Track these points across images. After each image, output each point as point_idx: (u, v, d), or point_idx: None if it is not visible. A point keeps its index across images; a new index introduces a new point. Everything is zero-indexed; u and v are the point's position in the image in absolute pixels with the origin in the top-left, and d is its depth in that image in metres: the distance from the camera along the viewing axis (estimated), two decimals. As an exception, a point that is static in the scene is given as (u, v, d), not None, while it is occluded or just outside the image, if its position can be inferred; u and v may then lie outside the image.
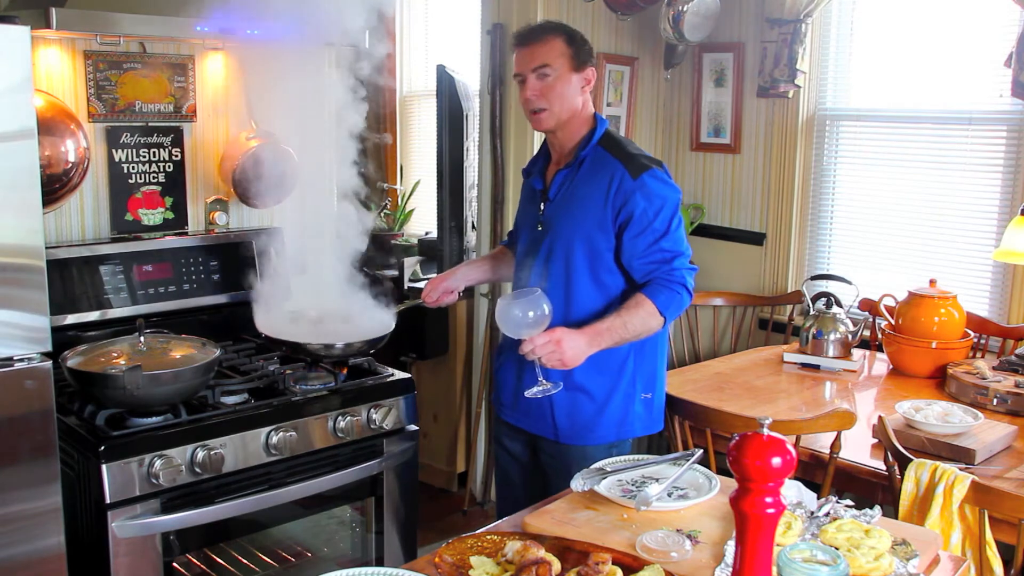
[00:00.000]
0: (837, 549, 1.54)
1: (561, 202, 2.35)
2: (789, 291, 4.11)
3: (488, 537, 1.65)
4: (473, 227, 4.27)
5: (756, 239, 4.22)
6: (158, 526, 2.20)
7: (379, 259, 4.91)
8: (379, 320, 2.74)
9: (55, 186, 2.55)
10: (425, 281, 4.42)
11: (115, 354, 2.35)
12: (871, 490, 2.54)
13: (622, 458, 2.05)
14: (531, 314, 2.12)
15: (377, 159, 5.47)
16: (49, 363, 1.98)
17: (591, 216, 2.30)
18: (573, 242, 2.32)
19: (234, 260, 2.96)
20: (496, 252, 2.79)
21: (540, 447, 2.43)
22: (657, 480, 1.93)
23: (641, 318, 2.21)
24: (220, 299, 2.91)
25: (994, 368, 3.07)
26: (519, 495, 2.47)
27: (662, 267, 2.25)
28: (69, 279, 2.62)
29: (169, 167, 2.92)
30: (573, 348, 2.15)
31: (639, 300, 2.22)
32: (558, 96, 2.30)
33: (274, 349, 2.69)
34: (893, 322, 3.35)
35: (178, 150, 2.93)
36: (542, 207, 2.40)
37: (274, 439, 2.37)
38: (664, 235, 2.25)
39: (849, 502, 1.81)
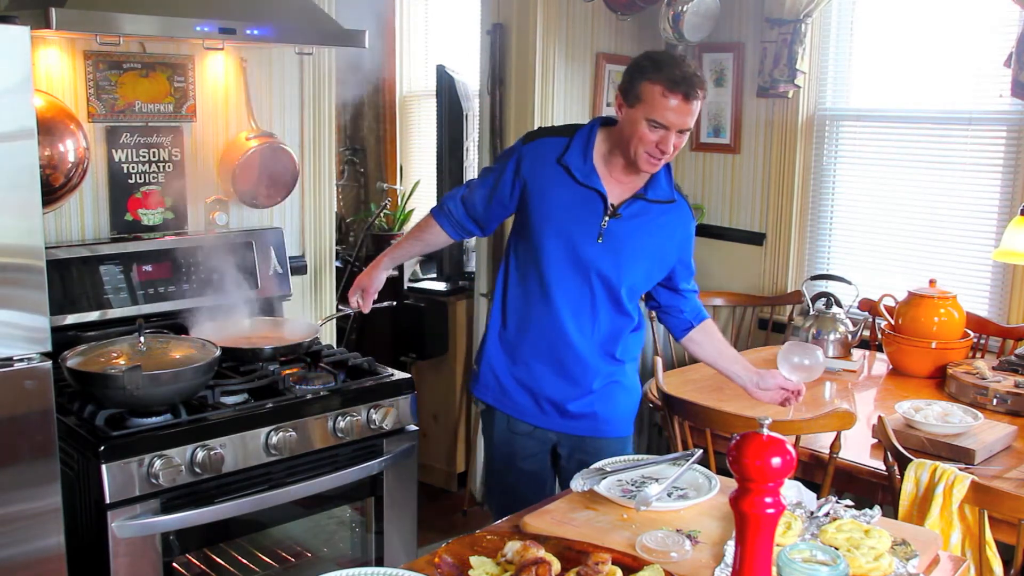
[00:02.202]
0: (837, 549, 1.54)
1: (635, 227, 2.37)
2: (789, 291, 4.11)
3: (488, 537, 1.65)
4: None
5: (756, 239, 4.22)
6: (158, 526, 2.20)
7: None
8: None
9: (55, 186, 2.55)
10: (425, 281, 4.44)
11: (115, 354, 2.35)
12: (871, 490, 2.54)
13: (622, 458, 2.05)
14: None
15: (377, 159, 5.48)
16: (49, 363, 1.98)
17: (667, 251, 2.44)
18: (638, 265, 2.40)
19: (234, 260, 2.96)
20: (424, 228, 2.60)
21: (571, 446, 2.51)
22: (657, 480, 1.93)
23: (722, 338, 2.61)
24: (220, 299, 2.91)
25: (994, 368, 3.07)
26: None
27: (696, 302, 2.59)
28: (69, 279, 2.62)
29: (169, 167, 2.92)
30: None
31: (712, 331, 2.59)
32: (678, 150, 2.31)
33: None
34: (893, 322, 3.35)
35: (178, 150, 2.93)
36: (605, 221, 2.35)
37: (274, 439, 2.37)
38: (693, 276, 2.57)
39: (849, 502, 1.81)
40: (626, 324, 2.47)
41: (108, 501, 2.13)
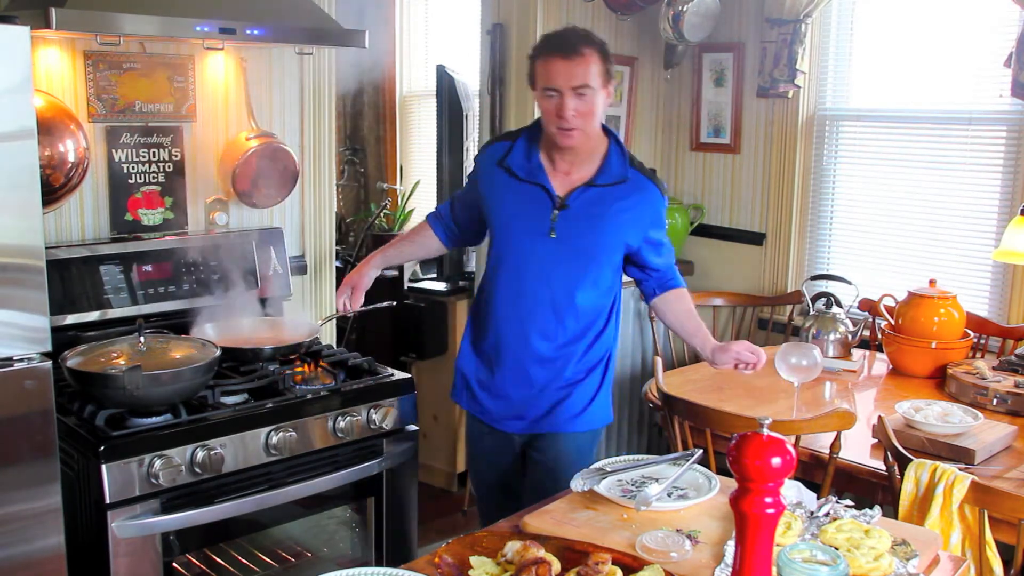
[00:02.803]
0: (837, 549, 1.54)
1: (586, 216, 2.34)
2: (789, 291, 4.11)
3: (488, 537, 1.65)
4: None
5: (756, 239, 4.22)
6: (158, 526, 2.20)
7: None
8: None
9: (55, 186, 2.55)
10: (425, 281, 4.44)
11: (115, 354, 2.35)
12: (871, 490, 2.54)
13: (622, 458, 2.05)
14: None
15: (377, 159, 5.48)
16: (49, 363, 1.98)
17: (627, 234, 2.38)
18: (598, 256, 2.38)
19: (234, 260, 2.96)
20: (419, 231, 2.67)
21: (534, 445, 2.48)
22: (657, 480, 1.93)
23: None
24: (220, 299, 2.91)
25: (994, 368, 3.07)
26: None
27: (671, 270, 2.52)
28: (69, 279, 2.62)
29: (169, 167, 2.92)
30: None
31: (686, 296, 2.52)
32: (591, 115, 2.28)
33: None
34: (893, 322, 3.35)
35: (178, 150, 2.93)
36: (554, 215, 2.35)
37: (274, 439, 2.37)
38: (666, 249, 2.49)
39: (849, 502, 1.82)
40: (594, 319, 2.43)
41: (108, 501, 2.13)
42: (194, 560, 2.43)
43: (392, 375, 2.70)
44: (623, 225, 2.37)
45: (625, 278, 2.51)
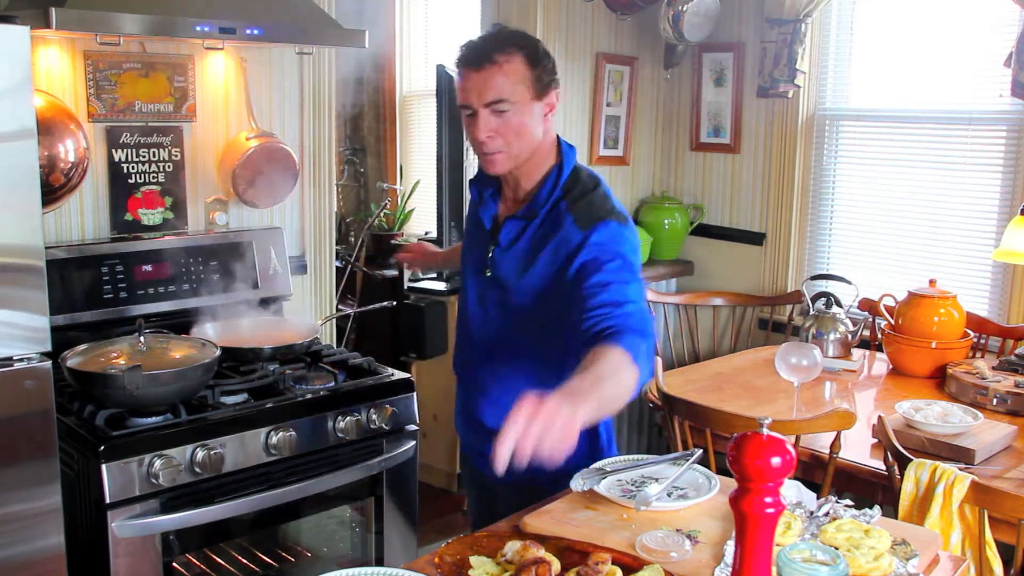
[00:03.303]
0: (837, 549, 1.54)
1: (512, 254, 2.01)
2: (789, 291, 4.11)
3: (488, 537, 1.65)
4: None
5: (756, 239, 4.22)
6: (158, 526, 2.20)
7: (379, 259, 4.92)
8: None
9: (55, 186, 2.55)
10: (425, 281, 4.44)
11: (115, 354, 2.35)
12: (871, 490, 2.54)
13: (622, 458, 2.05)
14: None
15: (377, 159, 5.48)
16: (49, 363, 1.98)
17: (543, 275, 1.96)
18: (525, 300, 2.01)
19: (234, 260, 2.96)
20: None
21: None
22: (657, 480, 1.93)
23: (613, 368, 1.61)
24: (220, 299, 2.91)
25: (994, 368, 3.07)
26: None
27: (613, 311, 1.77)
28: (69, 279, 2.62)
29: (169, 167, 2.92)
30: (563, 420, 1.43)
31: (600, 352, 1.66)
32: (516, 134, 1.91)
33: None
34: (893, 322, 3.35)
35: (178, 150, 2.93)
36: (491, 251, 2.05)
37: (274, 439, 2.37)
38: (613, 284, 1.82)
39: (849, 502, 1.81)
40: (542, 370, 1.94)
41: (108, 501, 2.13)
42: (194, 560, 2.43)
43: (392, 375, 2.70)
44: (549, 259, 1.95)
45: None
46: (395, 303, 3.01)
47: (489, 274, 2.05)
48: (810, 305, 3.67)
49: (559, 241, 1.93)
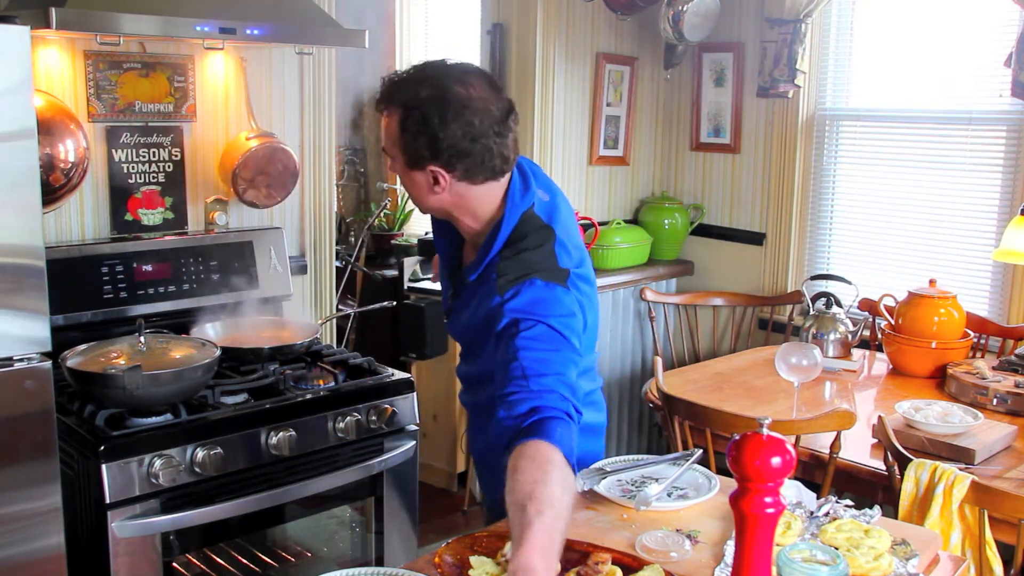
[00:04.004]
0: (837, 549, 1.54)
1: (462, 307, 1.88)
2: (789, 291, 4.11)
3: (488, 537, 1.65)
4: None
5: (756, 239, 4.23)
6: (158, 526, 2.20)
7: (379, 259, 4.92)
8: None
9: (55, 186, 2.55)
10: (425, 281, 4.44)
11: (115, 354, 2.35)
12: (871, 490, 2.54)
13: (622, 458, 2.05)
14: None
15: (377, 159, 5.48)
16: (49, 363, 1.98)
17: (475, 331, 1.84)
18: (467, 351, 1.97)
19: (234, 260, 2.96)
20: None
21: None
22: (657, 480, 1.93)
23: (558, 487, 1.46)
24: (220, 299, 2.91)
25: (994, 368, 3.07)
26: None
27: (530, 385, 1.60)
28: (69, 279, 2.62)
29: (169, 167, 2.92)
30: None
31: (532, 460, 1.49)
32: (407, 191, 1.80)
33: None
34: (893, 322, 3.35)
35: (178, 150, 2.93)
36: (451, 299, 1.94)
37: (274, 439, 2.37)
38: (529, 353, 1.63)
39: (849, 502, 1.81)
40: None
41: (108, 501, 2.13)
42: (194, 560, 2.43)
43: (392, 375, 2.70)
44: (475, 324, 1.82)
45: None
46: (395, 303, 3.02)
47: (446, 321, 1.96)
48: (810, 305, 3.67)
49: (482, 299, 1.77)
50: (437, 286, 4.26)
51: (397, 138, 1.70)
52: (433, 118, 1.65)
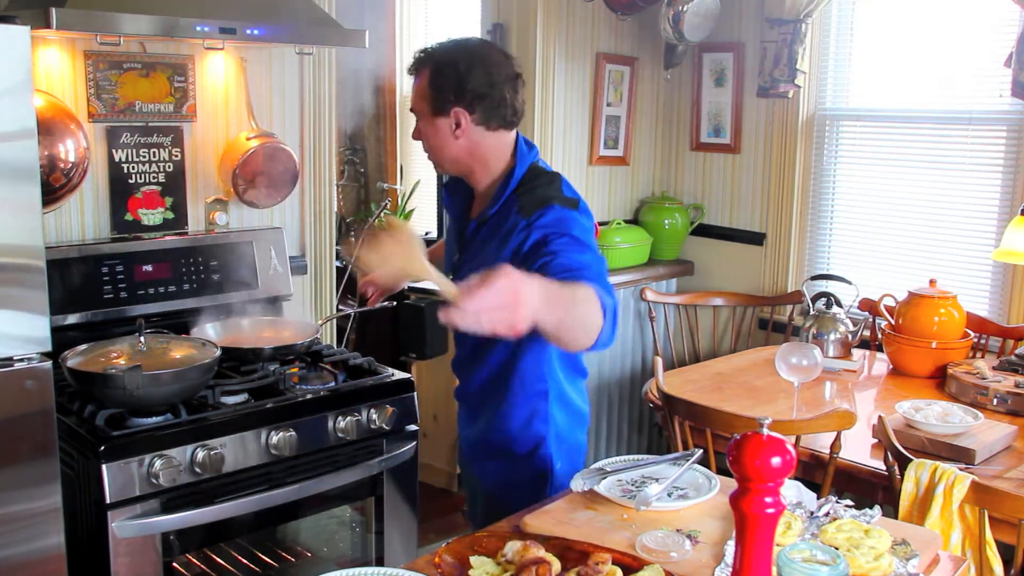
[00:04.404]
0: (837, 549, 1.54)
1: (472, 259, 2.05)
2: (789, 291, 4.11)
3: (488, 537, 1.65)
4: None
5: (756, 239, 4.23)
6: (158, 526, 2.20)
7: (379, 259, 4.91)
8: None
9: (55, 186, 2.55)
10: (425, 281, 4.44)
11: (115, 354, 2.35)
12: (871, 490, 2.54)
13: (622, 458, 2.05)
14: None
15: (377, 159, 5.48)
16: (49, 363, 1.98)
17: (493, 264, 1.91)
18: None
19: (234, 260, 2.96)
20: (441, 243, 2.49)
21: None
22: (657, 480, 1.93)
23: (580, 294, 1.64)
24: (220, 299, 2.91)
25: (994, 368, 3.08)
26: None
27: (570, 276, 1.75)
28: (69, 279, 2.62)
29: (169, 167, 2.92)
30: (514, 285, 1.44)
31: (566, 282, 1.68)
32: (429, 143, 2.07)
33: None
34: (893, 322, 3.35)
35: (178, 150, 2.93)
36: (458, 255, 2.12)
37: (274, 439, 2.37)
38: (565, 254, 1.83)
39: (849, 502, 1.81)
40: (504, 378, 2.06)
41: (108, 501, 2.13)
42: (194, 560, 2.43)
43: (392, 375, 2.70)
44: (492, 259, 1.94)
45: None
46: (395, 303, 3.01)
47: (452, 277, 1.99)
48: (810, 305, 3.67)
49: (506, 233, 1.97)
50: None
51: (426, 91, 2.01)
52: (459, 65, 1.97)
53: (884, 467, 2.44)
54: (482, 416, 2.18)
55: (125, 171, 2.83)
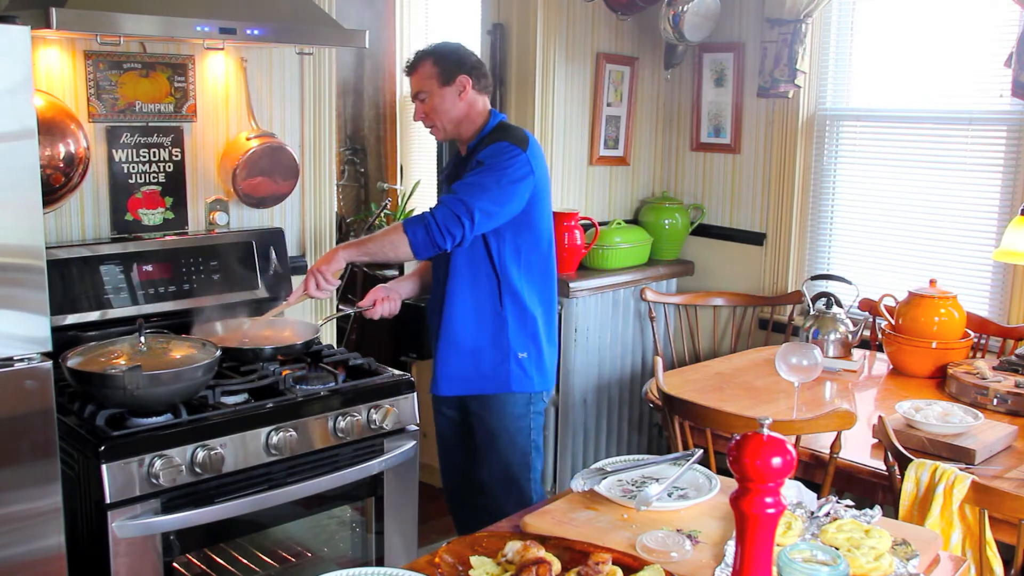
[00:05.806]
0: (837, 549, 1.54)
1: (459, 179, 2.66)
2: (789, 291, 4.11)
3: (488, 537, 1.65)
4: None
5: (756, 239, 4.22)
6: (158, 526, 2.20)
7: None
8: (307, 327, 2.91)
9: (55, 186, 2.55)
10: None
11: (115, 354, 2.35)
12: (871, 490, 2.54)
13: (622, 458, 2.05)
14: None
15: (377, 159, 5.48)
16: (49, 363, 1.98)
17: None
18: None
19: (234, 260, 2.96)
20: (422, 267, 2.98)
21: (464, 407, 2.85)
22: (657, 480, 1.93)
23: (391, 240, 2.57)
24: (220, 299, 2.91)
25: (994, 368, 3.07)
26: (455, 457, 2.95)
27: (459, 187, 2.60)
28: (69, 279, 2.62)
29: (169, 167, 2.92)
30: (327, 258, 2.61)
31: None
32: (436, 112, 2.69)
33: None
34: (893, 322, 3.35)
35: (178, 150, 2.93)
36: (448, 185, 2.76)
37: (274, 439, 2.37)
38: (469, 175, 2.60)
39: (849, 502, 1.82)
40: (485, 290, 2.71)
41: (108, 501, 2.13)
42: (194, 560, 2.43)
43: (392, 375, 2.71)
44: None
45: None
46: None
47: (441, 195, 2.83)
48: (810, 305, 3.67)
49: (472, 163, 2.63)
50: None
51: (432, 70, 2.67)
52: (457, 50, 2.73)
53: (884, 467, 2.44)
54: (443, 317, 2.75)
55: (125, 171, 2.83)
